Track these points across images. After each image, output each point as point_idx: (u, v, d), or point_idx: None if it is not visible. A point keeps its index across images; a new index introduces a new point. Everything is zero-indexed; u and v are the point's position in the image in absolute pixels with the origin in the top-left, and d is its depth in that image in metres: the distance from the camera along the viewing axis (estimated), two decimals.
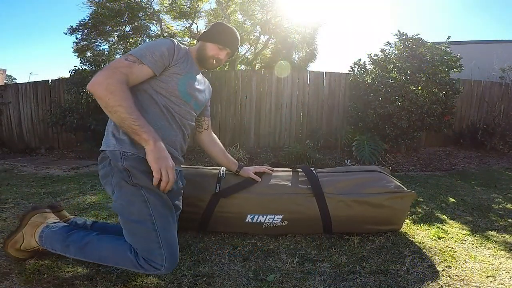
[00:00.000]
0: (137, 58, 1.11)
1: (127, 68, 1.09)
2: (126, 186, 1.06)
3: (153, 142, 1.03)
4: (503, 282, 1.13)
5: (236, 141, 4.31)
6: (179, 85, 1.23)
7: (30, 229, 1.17)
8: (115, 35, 9.70)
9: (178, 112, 1.24)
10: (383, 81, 3.84)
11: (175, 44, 1.21)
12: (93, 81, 1.03)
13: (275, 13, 8.78)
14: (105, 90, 1.02)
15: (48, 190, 2.37)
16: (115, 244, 1.06)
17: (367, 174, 1.54)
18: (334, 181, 1.48)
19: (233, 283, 1.10)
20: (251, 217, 1.42)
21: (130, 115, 1.02)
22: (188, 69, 1.26)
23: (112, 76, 1.04)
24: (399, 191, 1.43)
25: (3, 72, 14.26)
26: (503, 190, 2.54)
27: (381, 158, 3.70)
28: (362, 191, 1.44)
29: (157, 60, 1.15)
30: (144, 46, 1.17)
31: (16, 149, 5.17)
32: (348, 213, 1.42)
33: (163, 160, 1.04)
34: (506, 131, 4.37)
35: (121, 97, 1.02)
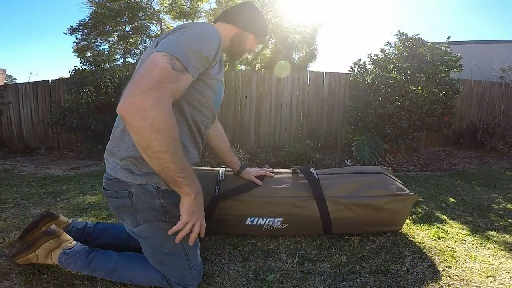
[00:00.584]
0: (183, 66, 0.85)
1: (175, 85, 0.83)
2: (157, 223, 0.97)
3: (194, 195, 0.89)
4: (503, 282, 1.13)
5: (236, 141, 4.31)
6: (216, 94, 1.05)
7: (44, 252, 1.11)
8: (115, 35, 9.71)
9: (205, 125, 1.08)
10: (383, 81, 3.84)
11: (220, 40, 0.97)
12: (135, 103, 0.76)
13: (275, 13, 8.78)
14: (149, 126, 0.76)
15: (48, 190, 2.37)
16: (143, 267, 1.04)
17: (369, 176, 1.53)
18: (335, 184, 1.46)
19: (233, 283, 1.10)
20: (251, 220, 1.41)
21: (176, 165, 0.83)
22: (222, 67, 1.07)
23: (161, 105, 0.78)
24: (401, 194, 1.42)
25: (3, 72, 14.27)
26: (503, 190, 2.54)
27: (381, 158, 3.70)
28: (364, 194, 1.42)
29: (202, 65, 0.92)
30: (189, 41, 0.88)
31: (16, 149, 5.17)
32: (349, 215, 1.42)
33: (197, 215, 0.92)
34: (506, 131, 4.37)
35: (170, 139, 0.80)
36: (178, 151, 0.84)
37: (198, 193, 0.91)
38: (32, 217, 1.72)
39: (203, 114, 1.04)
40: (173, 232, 0.91)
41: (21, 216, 1.73)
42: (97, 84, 4.03)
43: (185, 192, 0.88)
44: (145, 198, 0.96)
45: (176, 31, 0.93)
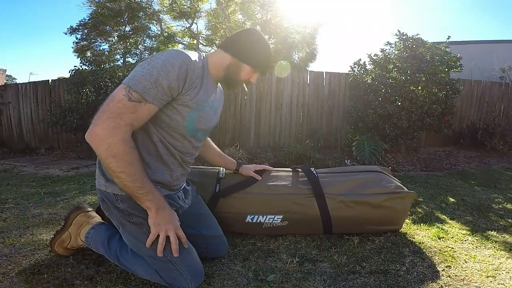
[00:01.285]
0: (141, 96, 0.92)
1: (132, 115, 0.92)
2: (128, 225, 1.04)
3: (155, 210, 0.96)
4: (503, 282, 1.13)
5: (236, 141, 4.31)
6: (186, 121, 1.05)
7: (75, 228, 1.21)
8: (115, 35, 9.71)
9: (179, 149, 1.10)
10: (383, 81, 3.84)
11: (188, 66, 0.98)
12: (93, 132, 0.90)
13: (275, 13, 8.79)
14: (106, 151, 0.89)
15: (48, 190, 2.37)
16: (146, 263, 1.05)
17: (368, 174, 1.54)
18: (335, 182, 1.48)
19: (233, 283, 1.10)
20: (251, 217, 1.41)
21: (134, 183, 0.92)
22: (202, 95, 1.04)
23: (115, 133, 0.89)
24: (399, 192, 1.44)
25: (3, 72, 14.27)
26: (503, 190, 2.54)
27: (381, 158, 3.70)
28: (362, 192, 1.44)
29: (164, 94, 0.95)
30: (149, 72, 0.93)
31: (16, 149, 5.17)
32: (348, 213, 1.42)
33: (164, 226, 0.98)
34: (506, 131, 4.37)
35: (125, 163, 0.90)
36: (136, 171, 0.93)
37: (160, 208, 0.98)
38: (32, 217, 1.72)
39: (174, 138, 1.07)
40: (149, 245, 0.98)
41: (21, 216, 1.73)
42: (97, 84, 4.03)
43: (146, 206, 0.97)
44: (111, 204, 1.05)
45: (143, 61, 0.98)
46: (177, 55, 0.98)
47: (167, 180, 1.11)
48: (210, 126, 1.17)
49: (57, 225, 1.59)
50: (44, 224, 1.62)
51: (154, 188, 0.97)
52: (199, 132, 1.13)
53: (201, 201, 1.34)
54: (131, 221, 1.03)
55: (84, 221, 1.22)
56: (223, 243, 1.27)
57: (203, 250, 1.21)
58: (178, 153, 1.10)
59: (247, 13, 9.34)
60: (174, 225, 1.00)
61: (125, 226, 1.05)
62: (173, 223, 1.00)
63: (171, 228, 0.99)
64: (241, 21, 9.73)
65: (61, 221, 1.65)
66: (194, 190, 1.34)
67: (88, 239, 1.17)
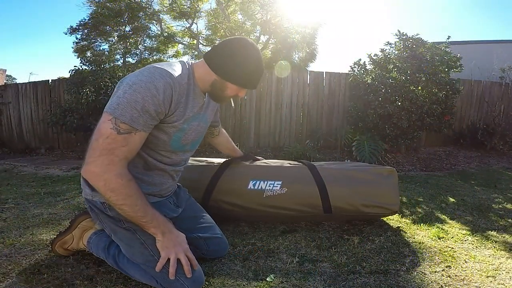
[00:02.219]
0: (130, 127, 0.89)
1: (124, 148, 0.90)
2: (120, 231, 1.04)
3: (161, 235, 0.97)
4: (503, 282, 1.13)
5: (236, 141, 4.31)
6: (172, 140, 1.05)
7: (79, 232, 1.23)
8: (115, 35, 9.71)
9: (168, 163, 1.11)
10: (383, 81, 3.84)
11: (173, 87, 0.95)
12: (88, 170, 0.89)
13: (275, 13, 8.79)
14: (103, 186, 0.89)
15: (48, 190, 2.37)
16: (142, 268, 1.05)
17: (359, 163, 1.74)
18: (326, 164, 1.68)
19: (233, 283, 1.10)
20: (253, 183, 1.49)
21: (136, 213, 0.93)
22: (189, 113, 1.03)
23: (110, 169, 0.88)
24: (377, 166, 1.67)
25: (3, 72, 14.27)
26: (503, 190, 2.54)
27: (381, 158, 3.70)
28: (351, 167, 1.60)
29: (153, 119, 0.94)
30: (133, 98, 0.88)
31: (16, 149, 5.17)
32: (340, 175, 1.53)
33: (173, 249, 0.98)
34: (506, 131, 4.37)
35: (124, 195, 0.90)
36: (137, 202, 0.92)
37: (166, 232, 0.98)
38: (32, 217, 1.72)
39: (161, 155, 1.07)
40: (160, 269, 0.97)
41: (21, 216, 1.73)
42: (97, 84, 4.02)
43: (152, 232, 0.98)
44: (100, 212, 1.05)
45: (123, 84, 0.92)
46: (160, 75, 0.92)
47: (157, 191, 1.12)
48: (198, 137, 1.18)
49: (57, 225, 1.60)
50: (44, 224, 1.62)
51: (157, 214, 0.98)
52: (186, 146, 1.13)
53: (194, 203, 1.35)
54: (122, 226, 1.03)
55: (88, 226, 1.24)
56: (224, 243, 1.28)
57: (204, 252, 1.22)
58: (168, 166, 1.11)
59: (247, 13, 9.34)
60: (183, 248, 1.00)
61: (116, 233, 1.05)
62: (181, 246, 1.00)
63: (180, 251, 0.98)
64: (241, 21, 9.74)
65: (61, 221, 1.65)
66: (186, 193, 1.34)
67: (90, 244, 1.19)
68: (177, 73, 0.98)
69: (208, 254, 1.23)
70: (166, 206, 1.16)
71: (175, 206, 1.22)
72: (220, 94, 1.07)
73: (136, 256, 1.03)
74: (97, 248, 1.16)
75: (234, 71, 1.02)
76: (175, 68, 1.00)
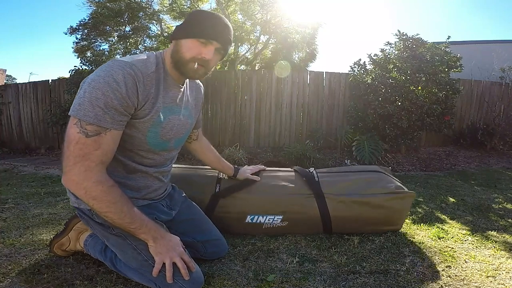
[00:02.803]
0: (98, 127, 0.84)
1: (97, 152, 0.84)
2: (111, 237, 1.01)
3: (153, 241, 0.93)
4: (503, 282, 1.12)
5: (236, 141, 4.31)
6: (148, 137, 0.98)
7: (75, 234, 1.22)
8: (115, 35, 9.70)
9: (150, 165, 1.05)
10: (383, 81, 3.84)
11: (135, 77, 0.87)
12: (67, 179, 0.86)
13: (275, 13, 8.78)
14: (85, 195, 0.85)
15: (48, 190, 2.37)
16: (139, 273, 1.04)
17: (368, 174, 1.54)
18: (334, 182, 1.48)
19: (233, 283, 1.10)
20: (251, 217, 1.41)
21: (123, 220, 0.88)
22: (161, 104, 0.96)
23: (88, 177, 0.83)
24: (399, 192, 1.43)
25: (3, 72, 14.26)
26: (503, 190, 2.54)
27: (381, 158, 3.70)
28: (363, 192, 1.43)
29: (121, 114, 0.87)
30: (94, 96, 0.82)
31: (16, 149, 5.17)
32: (349, 213, 1.42)
33: (168, 254, 0.94)
34: (506, 131, 4.37)
35: (107, 202, 0.86)
36: (122, 208, 0.88)
37: (158, 238, 0.94)
38: (32, 217, 1.73)
39: (140, 155, 1.01)
40: (156, 274, 0.95)
41: (21, 216, 1.73)
42: None
43: (143, 238, 0.94)
44: (89, 218, 1.02)
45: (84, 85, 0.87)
46: (118, 67, 0.86)
47: (144, 195, 1.08)
48: (182, 132, 1.09)
49: (57, 225, 1.60)
50: (44, 224, 1.62)
51: (146, 220, 0.93)
52: (168, 142, 1.05)
53: (192, 205, 1.29)
54: (112, 233, 0.99)
55: (84, 228, 1.22)
56: (223, 244, 1.26)
57: (203, 255, 1.20)
58: (150, 168, 1.05)
59: (247, 13, 9.34)
60: (178, 252, 0.96)
61: (108, 239, 1.03)
62: (176, 250, 0.96)
63: (174, 255, 0.95)
64: (241, 21, 9.73)
65: (61, 221, 1.65)
66: (181, 195, 1.30)
67: (87, 246, 1.18)
68: (140, 62, 0.91)
69: (206, 256, 1.22)
70: (158, 209, 1.12)
71: (168, 208, 1.17)
72: (180, 60, 0.94)
73: (130, 261, 1.01)
74: (94, 251, 1.16)
75: (184, 26, 0.95)
76: (139, 58, 0.93)
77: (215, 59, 0.99)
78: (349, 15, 25.47)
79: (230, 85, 4.56)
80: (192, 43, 0.93)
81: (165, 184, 1.19)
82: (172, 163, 1.20)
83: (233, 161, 3.45)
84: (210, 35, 0.93)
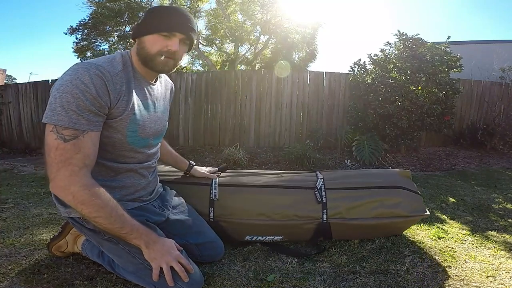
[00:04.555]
0: (74, 130, 0.84)
1: (78, 155, 0.84)
2: (104, 243, 1.00)
3: (145, 246, 0.92)
4: (503, 282, 1.13)
5: (236, 141, 4.31)
6: (128, 136, 0.97)
7: (72, 237, 1.22)
8: (115, 35, 9.71)
9: (133, 162, 1.03)
10: (383, 81, 3.84)
11: (103, 76, 0.87)
12: (54, 186, 0.85)
13: (275, 13, 8.79)
14: (73, 200, 0.84)
15: (48, 190, 2.36)
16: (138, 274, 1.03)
17: (387, 194, 1.37)
18: (344, 202, 1.33)
19: (233, 283, 1.10)
20: (250, 237, 1.36)
21: (113, 225, 0.87)
22: (134, 102, 0.96)
23: (74, 181, 0.83)
24: (413, 215, 1.36)
25: (3, 72, 14.26)
26: (503, 190, 2.54)
27: (381, 158, 3.70)
28: (373, 215, 1.33)
29: (96, 115, 0.87)
30: (65, 100, 0.82)
31: (16, 149, 5.17)
32: (353, 232, 1.39)
33: (163, 258, 0.93)
34: (506, 131, 4.37)
35: (96, 207, 0.85)
36: (112, 213, 0.87)
37: (150, 243, 0.93)
38: (32, 217, 1.73)
39: (122, 155, 1.00)
40: (157, 279, 0.93)
41: (21, 216, 1.73)
42: None
43: (136, 244, 0.92)
44: (81, 226, 1.00)
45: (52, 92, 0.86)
46: (83, 69, 0.85)
47: (132, 193, 1.06)
48: (159, 129, 1.10)
49: (57, 225, 1.60)
50: (44, 224, 1.62)
51: (137, 225, 0.92)
52: (148, 139, 1.05)
53: (185, 206, 1.26)
54: (104, 238, 0.98)
55: (80, 233, 1.19)
56: (218, 247, 1.22)
57: (197, 258, 1.17)
58: (134, 165, 1.03)
59: (247, 13, 9.34)
60: (174, 256, 0.95)
61: (102, 245, 1.02)
62: (171, 254, 0.94)
63: (170, 259, 0.93)
64: (241, 21, 9.73)
65: (61, 221, 1.65)
66: (173, 195, 1.26)
67: (85, 250, 1.19)
68: (106, 63, 0.91)
69: (203, 259, 1.19)
70: (149, 211, 1.09)
71: (160, 209, 1.14)
72: (146, 56, 0.95)
73: (127, 265, 1.01)
74: (92, 254, 1.16)
75: (141, 24, 0.96)
76: (105, 59, 0.94)
77: (182, 49, 0.99)
78: (349, 15, 25.49)
79: (230, 85, 4.56)
80: (155, 38, 0.94)
81: (152, 181, 1.15)
82: (156, 159, 1.17)
83: (233, 161, 3.45)
84: (171, 27, 0.94)
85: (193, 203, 1.31)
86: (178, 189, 1.33)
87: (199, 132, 4.58)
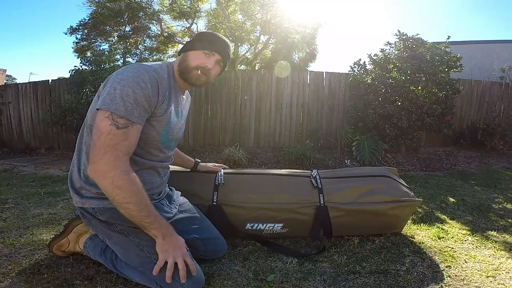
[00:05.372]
0: (128, 120, 0.93)
1: (125, 143, 0.93)
2: (113, 235, 1.04)
3: (162, 237, 0.97)
4: (503, 282, 1.13)
5: (236, 141, 4.31)
6: (161, 135, 1.07)
7: (75, 236, 1.23)
8: (115, 35, 9.71)
9: (155, 160, 1.11)
10: (383, 81, 3.84)
11: (158, 79, 1.00)
12: (94, 169, 0.91)
13: (275, 13, 8.79)
14: (111, 184, 0.90)
15: (48, 190, 2.37)
16: (140, 272, 1.04)
17: (374, 180, 1.48)
18: (339, 189, 1.43)
19: (233, 283, 1.10)
20: (251, 225, 1.39)
21: (140, 213, 0.93)
22: (172, 107, 1.08)
23: (117, 166, 0.91)
24: (405, 200, 1.41)
25: (3, 72, 14.26)
26: (503, 190, 2.54)
27: (381, 158, 3.70)
28: (367, 200, 1.40)
29: (145, 111, 0.98)
30: (125, 92, 0.93)
31: (16, 149, 5.17)
32: (350, 220, 1.41)
33: (172, 253, 0.97)
34: (506, 131, 4.37)
35: (131, 193, 0.91)
36: (142, 200, 0.94)
37: (167, 235, 0.98)
38: (32, 217, 1.73)
39: (149, 153, 1.08)
40: (157, 272, 0.96)
41: (21, 216, 1.73)
42: (97, 84, 4.03)
43: (153, 234, 0.97)
44: (92, 217, 1.05)
45: (110, 81, 0.97)
46: (144, 70, 0.98)
47: (147, 191, 1.08)
48: (180, 135, 1.21)
49: (57, 225, 1.60)
50: (44, 224, 1.62)
51: (160, 216, 0.98)
52: (172, 142, 1.16)
53: (189, 205, 1.32)
54: (115, 230, 1.03)
55: (83, 231, 1.23)
56: (222, 243, 1.27)
57: (203, 253, 1.21)
58: (155, 163, 1.12)
59: (247, 13, 9.34)
60: (182, 252, 0.99)
61: (111, 237, 1.05)
62: (181, 250, 0.99)
63: (178, 255, 0.97)
64: (241, 21, 9.73)
65: (61, 221, 1.66)
66: (179, 195, 1.32)
67: (86, 249, 1.19)
68: (159, 69, 1.05)
69: (206, 255, 1.23)
70: (159, 208, 1.13)
71: (168, 207, 1.20)
72: (186, 68, 1.09)
73: (132, 259, 1.03)
74: (94, 253, 1.16)
75: (189, 42, 1.13)
76: (157, 65, 1.07)
77: (216, 69, 1.14)
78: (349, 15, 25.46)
79: (230, 85, 4.56)
80: (197, 54, 1.09)
81: (165, 182, 1.23)
82: (171, 161, 1.26)
83: (233, 161, 3.45)
84: (213, 48, 1.10)
85: (199, 188, 1.42)
86: (186, 176, 1.47)
87: (199, 132, 4.58)
